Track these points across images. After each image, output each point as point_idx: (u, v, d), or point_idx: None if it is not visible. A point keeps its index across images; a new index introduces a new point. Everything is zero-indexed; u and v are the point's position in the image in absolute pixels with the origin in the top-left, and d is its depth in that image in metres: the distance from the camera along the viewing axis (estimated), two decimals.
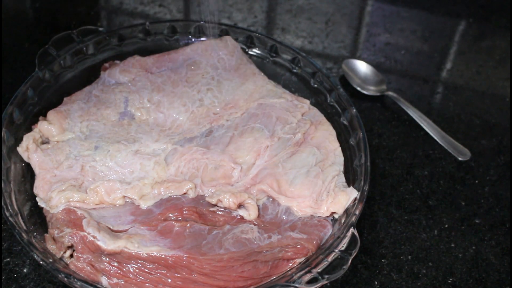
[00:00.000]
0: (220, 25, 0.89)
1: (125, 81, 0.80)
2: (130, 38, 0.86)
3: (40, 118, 0.75)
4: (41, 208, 0.68)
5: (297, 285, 0.58)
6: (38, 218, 0.68)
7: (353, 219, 0.64)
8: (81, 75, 0.83)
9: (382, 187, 0.82)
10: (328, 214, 0.68)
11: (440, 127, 0.90)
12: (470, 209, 0.80)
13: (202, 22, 0.88)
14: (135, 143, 0.73)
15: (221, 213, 0.68)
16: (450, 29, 1.13)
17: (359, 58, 1.02)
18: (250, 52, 0.89)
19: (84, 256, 0.62)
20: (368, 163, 0.69)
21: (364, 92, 0.95)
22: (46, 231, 0.66)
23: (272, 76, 0.86)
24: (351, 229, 0.63)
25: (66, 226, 0.64)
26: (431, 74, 1.02)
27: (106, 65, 0.84)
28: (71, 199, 0.67)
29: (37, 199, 0.69)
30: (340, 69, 0.99)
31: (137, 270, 0.62)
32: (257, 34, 0.88)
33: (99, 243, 0.61)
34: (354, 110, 0.76)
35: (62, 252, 0.63)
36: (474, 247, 0.76)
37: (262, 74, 0.85)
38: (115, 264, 0.62)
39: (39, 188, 0.68)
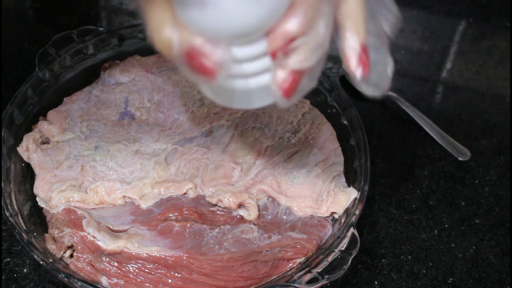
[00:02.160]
0: None
1: (125, 81, 0.80)
2: (130, 38, 0.86)
3: (40, 118, 0.75)
4: (41, 208, 0.68)
5: (297, 285, 0.58)
6: (38, 218, 0.68)
7: (353, 219, 0.64)
8: (81, 75, 0.83)
9: (382, 187, 0.82)
10: (328, 214, 0.68)
11: (440, 127, 0.89)
12: (470, 209, 0.80)
13: None
14: (135, 143, 0.73)
15: (221, 213, 0.68)
16: (450, 29, 1.13)
17: None
18: None
19: (84, 256, 0.62)
20: (368, 163, 0.69)
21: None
22: (46, 231, 0.66)
23: None
24: (351, 229, 0.63)
25: (66, 226, 0.64)
26: (431, 74, 1.02)
27: (106, 65, 0.84)
28: (71, 199, 0.67)
29: (37, 199, 0.69)
30: (340, 69, 0.99)
31: (137, 270, 0.62)
32: None
33: (99, 243, 0.61)
34: (354, 110, 0.75)
35: (62, 252, 0.63)
36: (474, 247, 0.76)
37: None
38: (115, 264, 0.62)
39: (39, 188, 0.68)
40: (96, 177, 0.70)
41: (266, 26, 0.38)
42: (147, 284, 0.61)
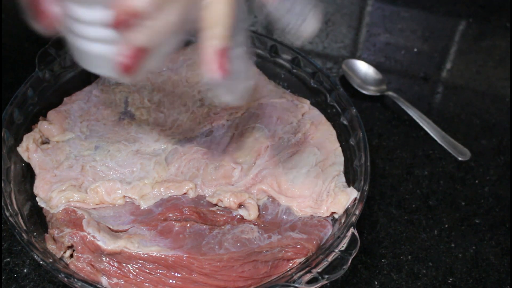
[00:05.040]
0: None
1: (125, 81, 0.80)
2: None
3: (40, 118, 0.75)
4: (41, 208, 0.68)
5: (297, 285, 0.58)
6: (38, 218, 0.68)
7: (353, 219, 0.64)
8: (81, 75, 0.83)
9: (382, 187, 0.82)
10: (328, 214, 0.68)
11: (440, 127, 0.89)
12: (470, 209, 0.80)
13: None
14: (135, 143, 0.73)
15: (221, 213, 0.68)
16: (450, 29, 1.13)
17: (359, 58, 1.02)
18: None
19: (84, 256, 0.62)
20: (368, 163, 0.69)
21: (364, 92, 0.95)
22: (46, 231, 0.66)
23: (272, 76, 0.86)
24: (351, 229, 0.63)
25: (66, 226, 0.64)
26: (431, 74, 1.02)
27: None
28: (71, 199, 0.67)
29: (37, 199, 0.69)
30: (340, 69, 0.99)
31: (137, 270, 0.62)
32: (257, 34, 0.88)
33: (99, 243, 0.61)
34: (354, 110, 0.75)
35: (62, 252, 0.63)
36: (474, 247, 0.76)
37: (262, 74, 0.85)
38: (115, 264, 0.62)
39: (39, 188, 0.68)
40: (96, 177, 0.70)
41: None
42: (147, 284, 0.61)
